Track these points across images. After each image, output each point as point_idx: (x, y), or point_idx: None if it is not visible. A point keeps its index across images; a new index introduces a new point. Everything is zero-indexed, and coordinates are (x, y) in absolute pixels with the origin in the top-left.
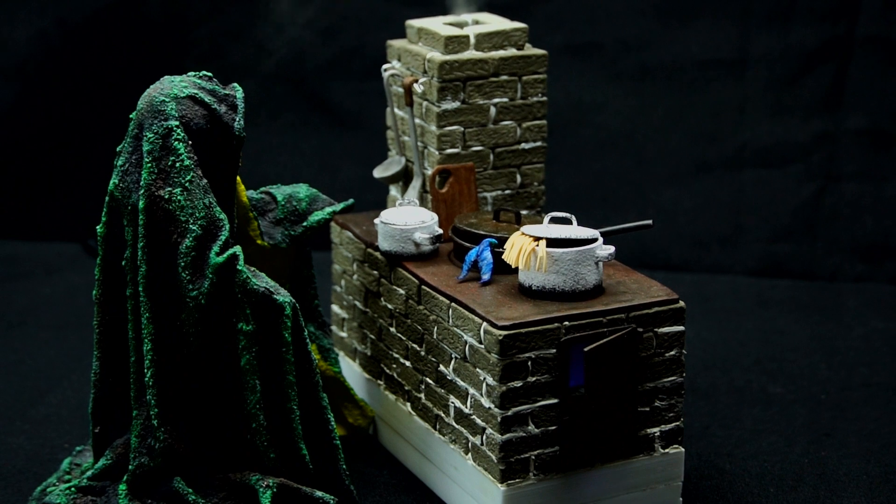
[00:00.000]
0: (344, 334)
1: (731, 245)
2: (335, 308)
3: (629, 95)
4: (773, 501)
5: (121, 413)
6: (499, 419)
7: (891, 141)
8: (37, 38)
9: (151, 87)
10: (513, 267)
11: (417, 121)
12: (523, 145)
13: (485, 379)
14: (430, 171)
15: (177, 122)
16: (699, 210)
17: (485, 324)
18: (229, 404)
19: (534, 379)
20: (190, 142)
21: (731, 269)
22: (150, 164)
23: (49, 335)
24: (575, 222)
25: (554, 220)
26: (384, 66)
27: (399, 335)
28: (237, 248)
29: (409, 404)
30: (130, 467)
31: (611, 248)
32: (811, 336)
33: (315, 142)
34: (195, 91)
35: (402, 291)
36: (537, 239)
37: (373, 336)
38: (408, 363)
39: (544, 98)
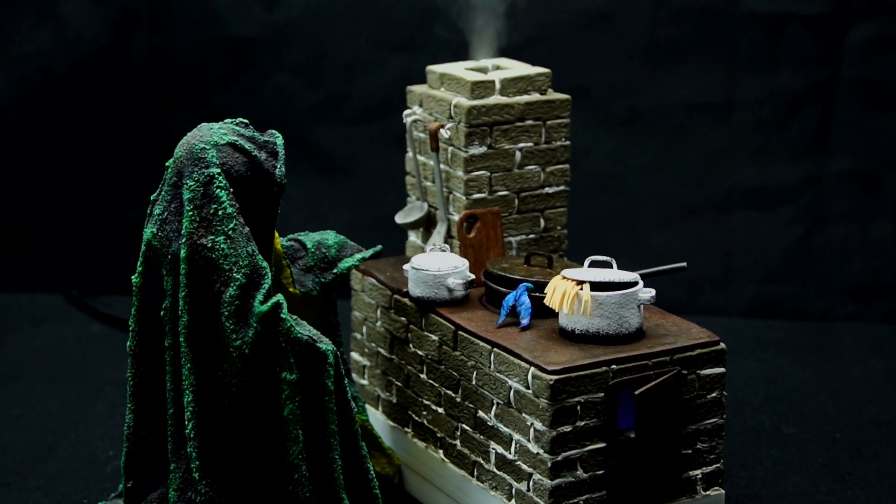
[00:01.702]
0: (365, 382)
1: (723, 287)
2: (355, 355)
3: (618, 139)
4: None
5: (155, 467)
6: (549, 464)
7: (876, 182)
8: (19, 86)
9: (189, 134)
10: (556, 311)
11: (442, 166)
12: (547, 189)
13: (532, 424)
14: (455, 217)
15: (218, 170)
16: (690, 252)
17: (533, 369)
18: (270, 455)
19: (582, 423)
20: (231, 189)
21: (725, 310)
22: (191, 213)
23: (47, 388)
24: (615, 266)
25: (594, 264)
26: (406, 112)
27: (431, 381)
28: (280, 297)
29: (441, 451)
30: None
31: (651, 291)
32: (813, 376)
33: (303, 189)
34: (235, 138)
35: (434, 337)
36: (580, 283)
37: (399, 383)
38: (440, 410)
39: (567, 142)
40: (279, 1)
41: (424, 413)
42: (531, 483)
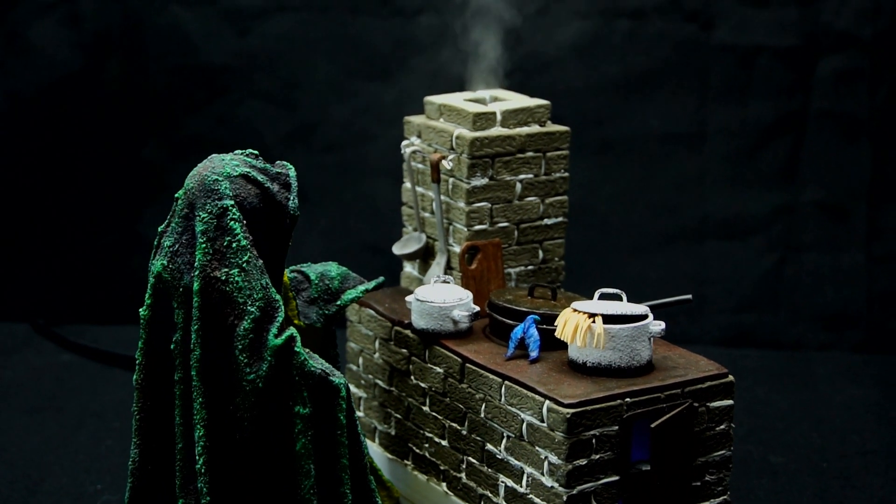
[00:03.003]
0: (361, 413)
1: (697, 316)
2: (351, 387)
3: (591, 169)
4: None
5: (160, 503)
6: (564, 498)
7: (846, 212)
8: None
9: (200, 165)
10: (568, 343)
11: (443, 197)
12: (546, 221)
13: (547, 457)
14: (455, 248)
15: (232, 202)
16: (664, 282)
17: (548, 402)
18: (281, 490)
19: (597, 457)
20: (244, 221)
21: (699, 339)
22: (204, 245)
23: (25, 420)
24: (625, 298)
25: (604, 297)
26: (404, 143)
27: (434, 414)
28: (293, 330)
29: (444, 484)
30: None
31: (661, 324)
32: (792, 404)
33: None
34: (247, 170)
35: (439, 370)
36: (592, 316)
37: (398, 415)
38: (444, 442)
39: (566, 174)
40: (251, 28)
41: (426, 445)
42: None
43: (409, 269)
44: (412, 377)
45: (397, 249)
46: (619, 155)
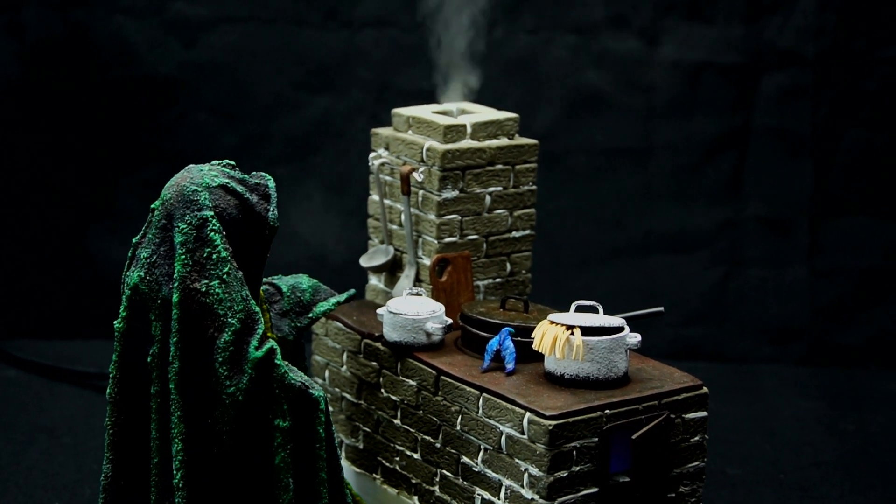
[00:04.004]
0: None
1: (644, 329)
2: None
3: (537, 183)
4: None
5: None
6: None
7: (789, 227)
8: None
9: (178, 176)
10: (546, 356)
11: (413, 209)
12: (514, 234)
13: (527, 469)
14: (425, 261)
15: (211, 213)
16: (611, 296)
17: (529, 414)
18: None
19: (578, 468)
20: (224, 232)
21: (647, 352)
22: (183, 256)
23: None
24: (602, 311)
25: (580, 309)
26: (371, 155)
27: (406, 427)
28: (273, 342)
29: (416, 497)
30: None
31: (638, 336)
32: (744, 417)
33: None
34: (226, 180)
35: (412, 382)
36: (570, 328)
37: (367, 429)
38: (416, 455)
39: (534, 187)
40: (198, 39)
41: (397, 459)
42: None
43: (375, 281)
44: (383, 390)
45: (364, 262)
46: (564, 170)
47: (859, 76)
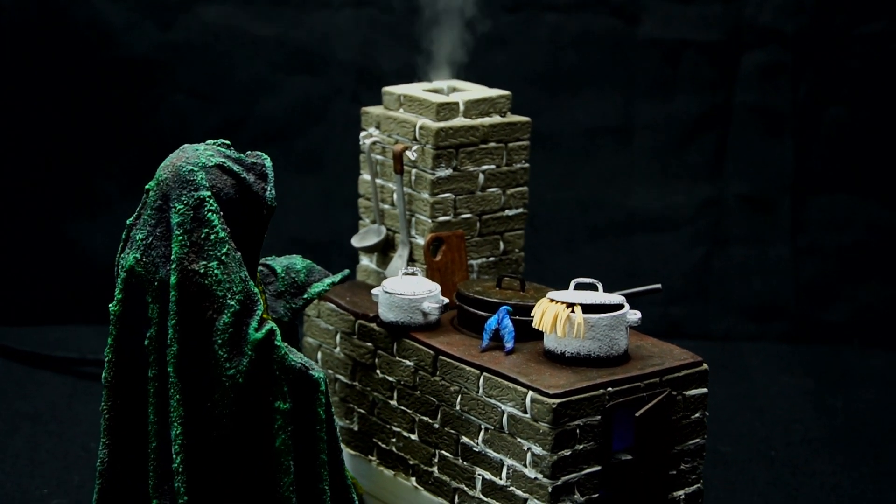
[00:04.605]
0: None
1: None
2: None
3: None
4: None
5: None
6: (549, 489)
7: (771, 205)
8: None
9: (172, 156)
10: (546, 334)
11: (405, 189)
12: (507, 212)
13: (530, 449)
14: (418, 240)
15: (208, 193)
16: (595, 275)
17: (531, 392)
18: (259, 488)
19: (580, 447)
20: (221, 213)
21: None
22: (181, 237)
23: None
24: (601, 288)
25: (579, 286)
26: (362, 134)
27: (402, 408)
28: (273, 324)
29: (413, 478)
30: None
31: (638, 313)
32: (731, 395)
33: None
34: (222, 160)
35: (409, 363)
36: (570, 305)
37: (362, 410)
38: (413, 437)
39: (527, 165)
40: (175, 20)
41: (393, 440)
42: None
43: (367, 262)
44: (378, 371)
45: (356, 242)
46: (546, 149)
47: (839, 53)
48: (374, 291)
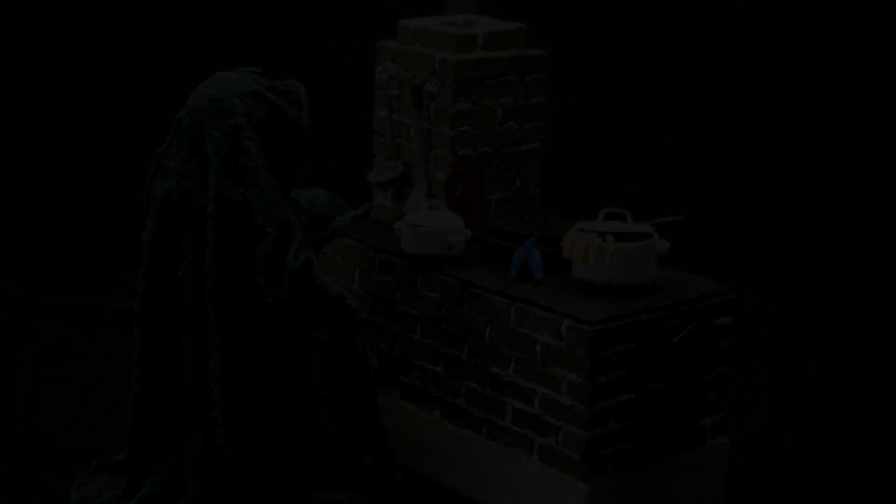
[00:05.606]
0: None
1: None
2: None
3: None
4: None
5: (160, 437)
6: (585, 417)
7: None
8: None
9: (205, 84)
10: (577, 264)
11: (424, 123)
12: (524, 146)
13: (565, 377)
14: (437, 175)
15: (245, 120)
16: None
17: (566, 320)
18: (294, 418)
19: (615, 375)
20: (257, 140)
21: None
22: (218, 166)
23: None
24: (630, 218)
25: (609, 216)
26: (378, 69)
27: (427, 342)
28: (310, 252)
29: (437, 412)
30: (190, 491)
31: (667, 243)
32: None
33: None
34: (257, 87)
35: (435, 295)
36: (601, 235)
37: (383, 345)
38: (438, 369)
39: (544, 99)
40: None
41: (416, 374)
42: (559, 437)
43: (381, 198)
44: (400, 305)
45: (372, 178)
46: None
47: None
48: (396, 226)
